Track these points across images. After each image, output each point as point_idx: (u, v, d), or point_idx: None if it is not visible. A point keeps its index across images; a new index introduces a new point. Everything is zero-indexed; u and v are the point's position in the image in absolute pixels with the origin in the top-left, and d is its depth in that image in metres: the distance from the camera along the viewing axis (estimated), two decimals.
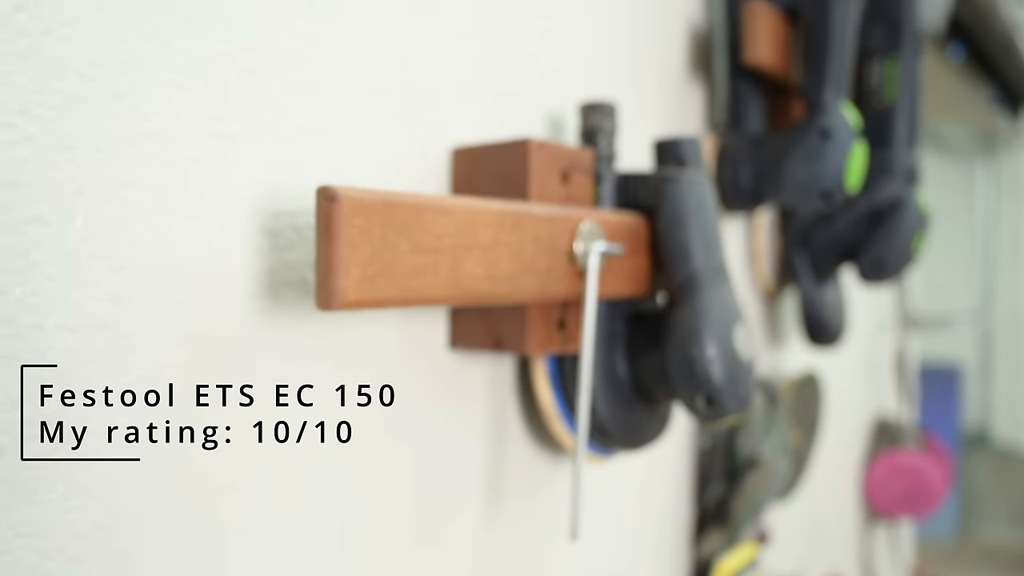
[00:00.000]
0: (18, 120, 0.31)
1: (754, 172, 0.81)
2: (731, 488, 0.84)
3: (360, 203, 0.35)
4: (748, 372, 0.54)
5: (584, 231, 0.50)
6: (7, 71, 0.31)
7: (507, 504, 0.59)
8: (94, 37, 0.34)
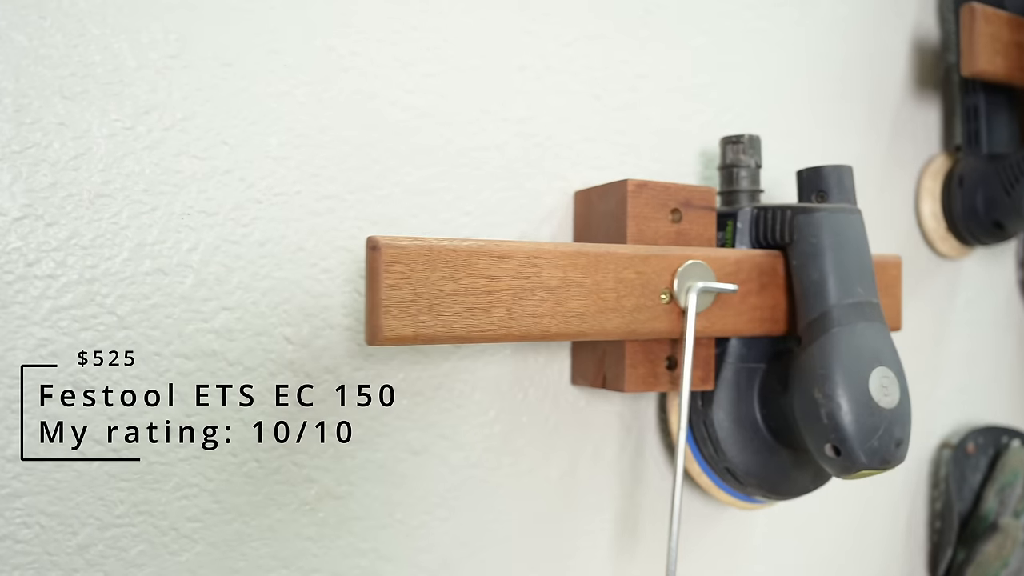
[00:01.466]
0: (144, 197, 0.41)
1: (987, 196, 0.71)
2: (968, 557, 0.73)
3: (401, 251, 0.40)
4: (891, 422, 0.49)
5: (684, 270, 0.49)
6: (137, 160, 0.41)
7: (641, 542, 0.58)
8: (208, 126, 0.43)
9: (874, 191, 0.72)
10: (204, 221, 0.43)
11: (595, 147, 0.56)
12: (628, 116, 0.58)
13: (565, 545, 0.55)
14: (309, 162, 0.46)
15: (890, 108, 0.73)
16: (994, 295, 0.81)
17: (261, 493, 0.45)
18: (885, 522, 0.73)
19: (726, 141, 0.57)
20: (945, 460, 0.75)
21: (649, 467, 0.59)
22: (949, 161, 0.75)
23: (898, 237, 0.74)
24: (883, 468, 0.49)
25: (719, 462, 0.55)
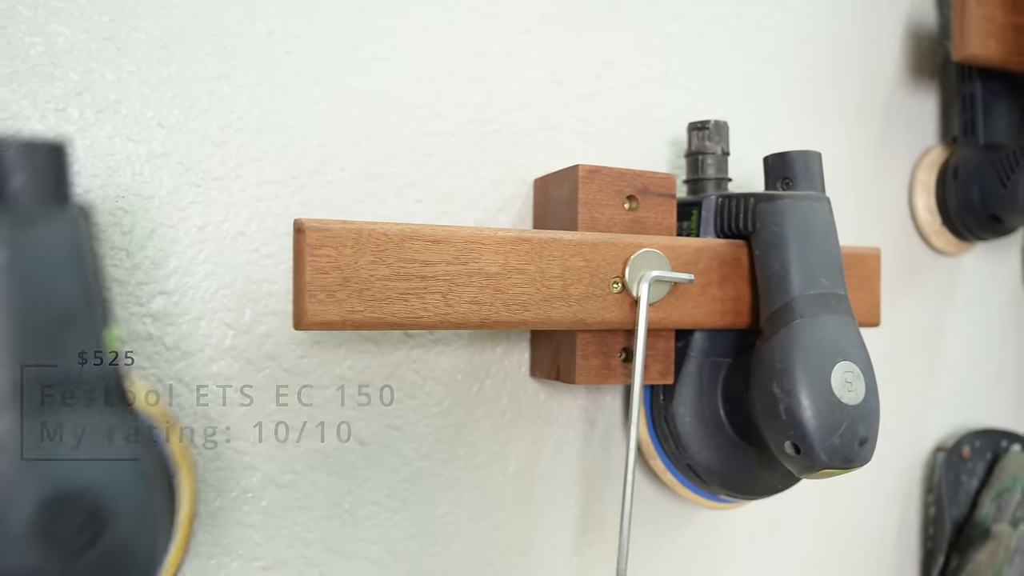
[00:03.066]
0: (77, 180, 0.41)
1: (983, 188, 0.68)
2: (960, 565, 0.70)
3: (327, 234, 0.39)
4: (854, 419, 0.47)
5: (637, 258, 0.48)
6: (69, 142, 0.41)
7: (606, 539, 0.57)
8: (143, 109, 0.43)
9: (866, 184, 0.69)
10: (140, 204, 0.43)
11: (558, 135, 0.55)
12: (593, 104, 0.56)
13: (523, 540, 0.54)
14: (250, 146, 0.45)
15: (882, 97, 0.70)
16: (997, 293, 0.78)
17: (200, 480, 0.45)
18: (875, 528, 0.71)
19: (692, 127, 0.55)
20: (939, 464, 0.72)
21: (615, 463, 0.57)
22: (945, 153, 0.72)
23: (891, 232, 0.71)
24: (846, 467, 0.47)
25: (681, 459, 0.53)
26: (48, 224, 0.29)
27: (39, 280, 0.29)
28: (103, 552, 0.28)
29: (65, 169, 0.30)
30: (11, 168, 0.29)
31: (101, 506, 0.28)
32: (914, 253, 0.73)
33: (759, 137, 0.63)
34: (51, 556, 0.27)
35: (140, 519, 0.29)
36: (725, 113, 0.62)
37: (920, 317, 0.73)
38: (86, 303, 0.30)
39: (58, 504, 0.27)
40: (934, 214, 0.71)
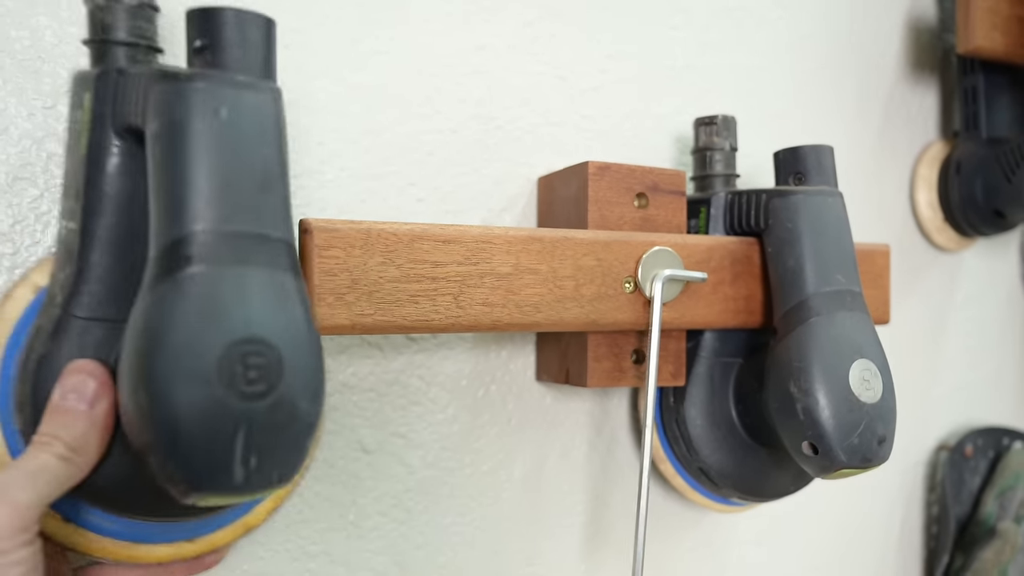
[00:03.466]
0: None
1: (986, 183, 0.68)
2: (965, 563, 0.69)
3: (335, 234, 0.37)
4: (872, 418, 0.46)
5: (649, 257, 0.46)
6: (59, 141, 0.39)
7: (613, 545, 0.56)
8: None
9: (866, 180, 0.69)
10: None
11: (561, 131, 0.54)
12: (597, 99, 0.55)
13: (531, 548, 0.53)
14: None
15: (883, 91, 0.70)
16: (996, 290, 0.77)
17: None
18: (878, 528, 0.70)
19: (699, 123, 0.54)
20: (942, 463, 0.71)
21: (622, 468, 0.56)
22: (946, 148, 0.72)
23: (892, 228, 0.70)
24: (864, 467, 0.46)
25: (692, 462, 0.52)
26: (258, 93, 0.31)
27: (249, 142, 0.30)
28: (274, 403, 0.29)
29: (273, 45, 0.32)
30: (231, 38, 0.31)
31: (278, 359, 0.29)
32: (915, 250, 0.72)
33: (760, 132, 0.62)
34: (231, 396, 0.28)
35: (307, 382, 0.30)
36: (726, 108, 0.61)
37: (921, 315, 0.72)
38: (282, 172, 0.31)
39: (242, 348, 0.28)
40: (936, 210, 0.71)
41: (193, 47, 0.31)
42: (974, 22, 0.62)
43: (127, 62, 0.34)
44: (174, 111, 0.30)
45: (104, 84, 0.33)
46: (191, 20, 0.31)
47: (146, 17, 0.34)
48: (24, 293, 0.35)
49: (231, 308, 0.29)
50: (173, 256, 0.29)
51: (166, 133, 0.30)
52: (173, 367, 0.28)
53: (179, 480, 0.28)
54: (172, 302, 0.28)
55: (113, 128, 0.33)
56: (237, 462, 0.29)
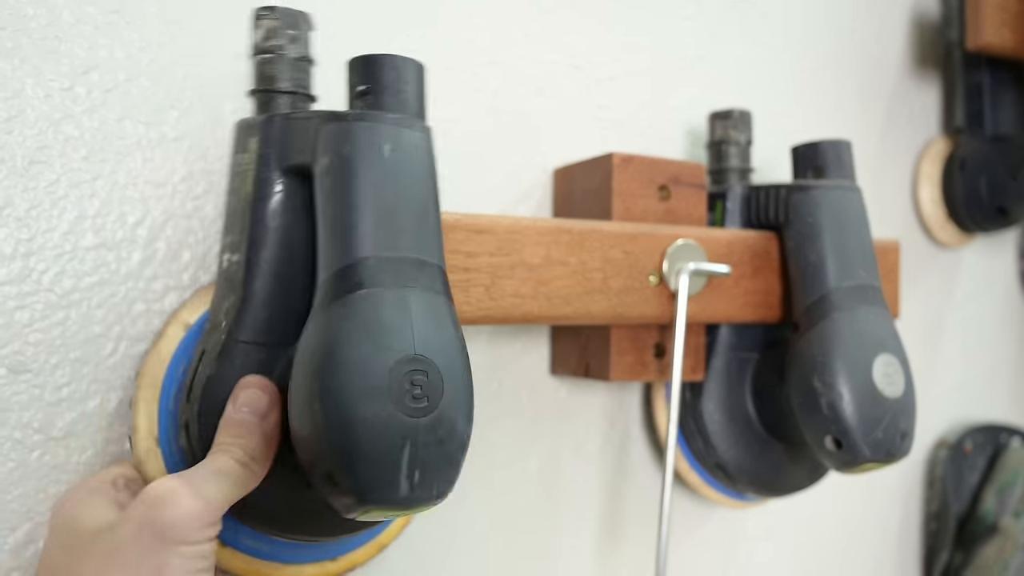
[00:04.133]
0: (85, 164, 0.37)
1: (990, 180, 0.68)
2: (965, 560, 0.70)
3: None
4: (896, 412, 0.46)
5: (675, 250, 0.46)
6: (76, 124, 0.37)
7: (627, 540, 0.55)
8: (154, 89, 0.39)
9: (869, 175, 0.69)
10: (151, 192, 0.39)
11: (575, 121, 0.53)
12: (611, 89, 0.54)
13: (545, 543, 0.52)
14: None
15: (887, 87, 0.70)
16: (994, 287, 0.78)
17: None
18: (877, 523, 0.70)
19: (715, 116, 0.54)
20: (941, 459, 0.72)
21: (634, 462, 0.55)
22: (949, 144, 0.72)
23: (894, 224, 0.71)
24: (887, 462, 0.46)
25: (709, 458, 0.51)
26: (414, 131, 0.34)
27: (408, 176, 0.33)
28: (436, 420, 0.31)
29: (424, 87, 0.35)
30: (390, 81, 0.34)
31: (439, 377, 0.31)
32: (917, 246, 0.72)
33: (766, 127, 0.62)
34: (399, 412, 0.30)
35: (463, 400, 0.32)
36: (733, 103, 0.61)
37: (922, 311, 0.73)
38: (436, 203, 0.34)
39: (409, 367, 0.30)
40: (939, 206, 0.71)
41: (356, 91, 0.34)
42: (984, 19, 0.62)
43: (289, 108, 0.37)
44: (343, 148, 0.33)
45: (269, 129, 0.36)
46: (354, 67, 0.35)
47: (304, 69, 0.37)
48: (176, 331, 0.38)
49: (398, 328, 0.31)
50: (344, 280, 0.31)
51: (336, 168, 0.33)
52: (347, 383, 0.30)
53: (348, 493, 0.30)
54: (344, 323, 0.31)
55: (278, 167, 0.35)
56: (403, 476, 0.30)
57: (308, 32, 0.37)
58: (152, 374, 0.38)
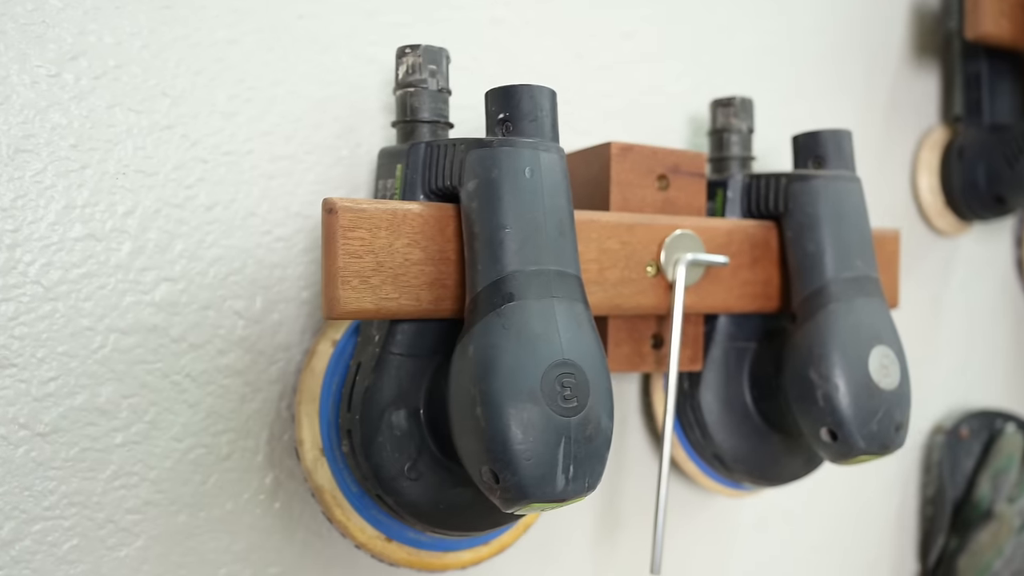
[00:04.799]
0: (73, 153, 0.37)
1: (988, 169, 0.68)
2: (961, 545, 0.70)
3: (361, 214, 0.36)
4: (891, 404, 0.45)
5: (672, 240, 0.45)
6: (63, 111, 0.37)
7: (624, 531, 0.55)
8: (145, 76, 0.38)
9: (869, 163, 0.68)
10: (142, 182, 0.39)
11: (575, 109, 0.52)
12: (612, 77, 0.54)
13: (541, 533, 0.52)
14: (261, 118, 0.41)
15: (887, 76, 0.69)
16: (990, 274, 0.78)
17: (210, 482, 0.41)
18: (875, 509, 0.71)
19: (717, 104, 0.53)
20: (938, 445, 0.72)
21: (631, 453, 0.55)
22: (948, 133, 0.72)
23: (893, 212, 0.70)
24: (882, 453, 0.46)
25: (707, 448, 0.51)
26: (551, 153, 0.36)
27: (548, 195, 0.36)
28: (584, 418, 0.33)
29: (556, 112, 0.38)
30: (527, 109, 0.36)
31: (585, 379, 0.33)
32: (915, 234, 0.72)
33: (767, 115, 0.61)
34: (553, 412, 0.32)
35: (605, 399, 0.34)
36: (735, 90, 0.60)
37: (919, 298, 0.72)
38: (571, 218, 0.37)
39: (559, 370, 0.33)
40: (937, 194, 0.71)
41: (496, 119, 0.37)
42: (983, 8, 0.61)
43: (430, 136, 0.40)
44: (491, 172, 0.35)
45: (415, 155, 0.39)
46: (493, 96, 0.37)
47: (443, 100, 0.40)
48: (325, 348, 0.41)
49: (547, 335, 0.33)
50: (496, 293, 0.34)
51: (483, 190, 0.35)
52: (505, 388, 0.32)
53: (511, 489, 0.32)
54: (499, 332, 0.33)
55: (423, 191, 0.38)
56: (559, 471, 0.32)
57: (447, 65, 0.40)
58: (310, 389, 0.40)
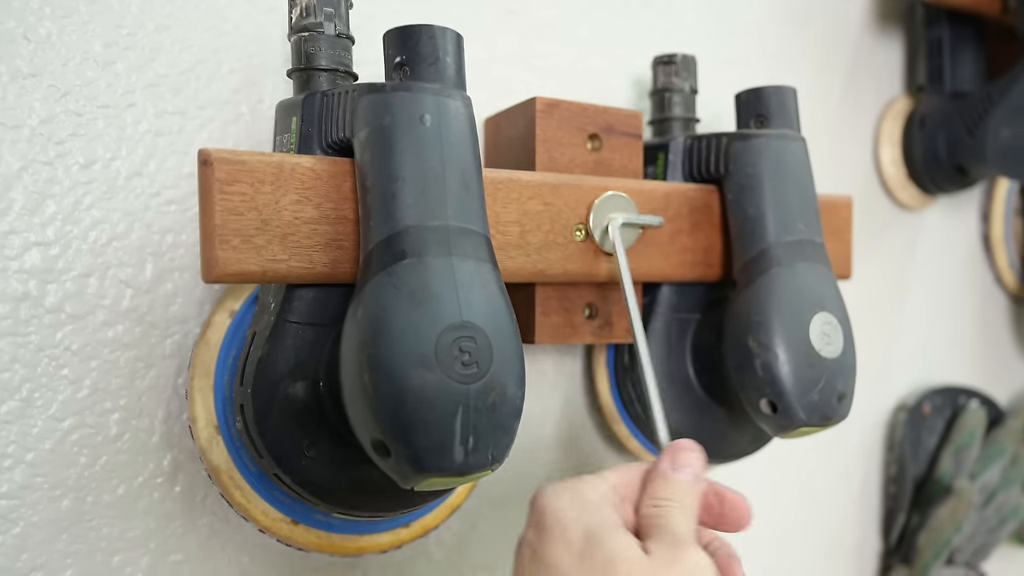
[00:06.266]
0: None
1: (949, 138, 0.65)
2: (921, 521, 0.68)
3: (242, 167, 0.33)
4: (833, 373, 0.43)
5: (602, 202, 0.42)
6: None
7: None
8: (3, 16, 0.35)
9: (829, 134, 0.65)
10: (4, 135, 0.35)
11: (509, 69, 0.49)
12: (551, 35, 0.51)
13: (471, 515, 0.49)
14: (144, 68, 0.38)
15: (849, 43, 0.66)
16: (956, 250, 0.75)
17: (98, 464, 0.38)
18: (837, 487, 0.68)
19: (657, 62, 0.50)
20: (900, 423, 0.69)
21: (577, 431, 0.52)
22: (911, 102, 0.69)
23: (854, 185, 0.68)
24: (823, 425, 0.43)
25: (648, 423, 0.48)
26: (454, 100, 0.33)
27: (450, 145, 0.33)
28: (486, 386, 0.30)
29: (463, 57, 0.35)
30: (426, 52, 0.33)
31: (488, 343, 0.31)
32: (878, 207, 0.69)
33: (723, 77, 0.58)
34: (449, 379, 0.30)
35: (513, 366, 0.32)
36: (688, 51, 0.57)
37: (882, 273, 0.70)
38: (478, 171, 0.34)
39: (456, 333, 0.30)
40: (899, 166, 0.68)
41: (393, 63, 0.34)
42: None
43: (328, 86, 0.36)
44: (382, 118, 0.32)
45: (310, 106, 0.36)
46: (389, 39, 0.34)
47: (344, 47, 0.37)
48: (222, 319, 0.38)
49: (444, 296, 0.30)
50: (388, 250, 0.31)
51: (376, 139, 0.32)
52: (395, 352, 0.29)
53: (404, 462, 0.30)
54: (390, 292, 0.30)
55: (319, 145, 0.35)
56: (457, 443, 0.30)
57: (346, 9, 0.37)
58: (204, 363, 0.38)
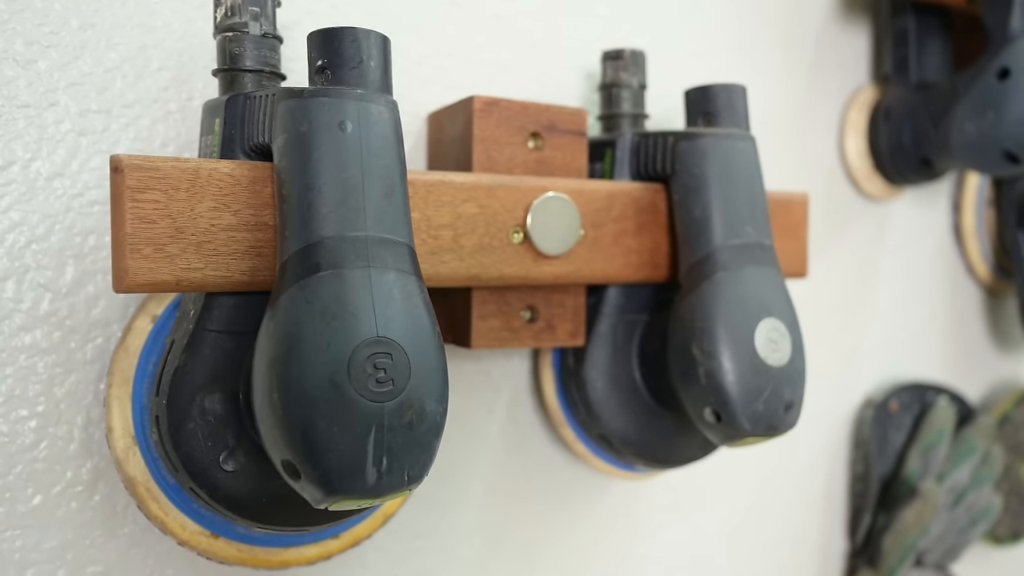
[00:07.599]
0: None
1: (914, 130, 0.64)
2: (888, 522, 0.67)
3: (154, 173, 0.32)
4: (780, 382, 0.42)
5: (541, 204, 0.41)
6: None
7: (513, 513, 0.52)
8: None
9: (793, 125, 0.64)
10: None
11: (453, 64, 0.48)
12: (497, 28, 0.49)
13: (423, 520, 0.48)
14: (67, 67, 0.37)
15: (812, 31, 0.65)
16: (926, 241, 0.74)
17: (12, 473, 0.37)
18: (801, 487, 0.68)
19: (606, 57, 0.49)
20: (867, 420, 0.69)
21: (523, 432, 0.52)
22: (877, 92, 0.68)
23: (819, 176, 0.67)
24: (769, 435, 0.42)
25: (593, 428, 0.48)
26: (377, 105, 0.32)
27: (371, 152, 0.32)
28: (403, 403, 0.29)
29: (389, 61, 0.33)
30: (349, 56, 0.32)
31: (406, 359, 0.30)
32: (843, 199, 0.68)
33: (680, 72, 0.57)
34: (362, 397, 0.29)
35: (433, 382, 0.31)
36: (643, 44, 0.56)
37: (849, 266, 0.69)
38: (402, 179, 0.33)
39: (371, 350, 0.29)
40: (865, 157, 0.67)
41: (315, 66, 0.33)
42: None
43: (254, 88, 0.35)
44: (299, 124, 0.31)
45: (233, 108, 0.34)
46: (312, 41, 0.33)
47: (270, 47, 0.36)
48: (143, 324, 0.37)
49: (359, 311, 0.29)
50: (302, 262, 0.30)
51: (293, 146, 0.31)
52: (306, 371, 0.28)
53: (314, 484, 0.29)
54: (302, 307, 0.29)
55: (241, 148, 0.35)
56: (370, 463, 0.29)
57: (273, 8, 0.36)
58: (123, 371, 0.36)
